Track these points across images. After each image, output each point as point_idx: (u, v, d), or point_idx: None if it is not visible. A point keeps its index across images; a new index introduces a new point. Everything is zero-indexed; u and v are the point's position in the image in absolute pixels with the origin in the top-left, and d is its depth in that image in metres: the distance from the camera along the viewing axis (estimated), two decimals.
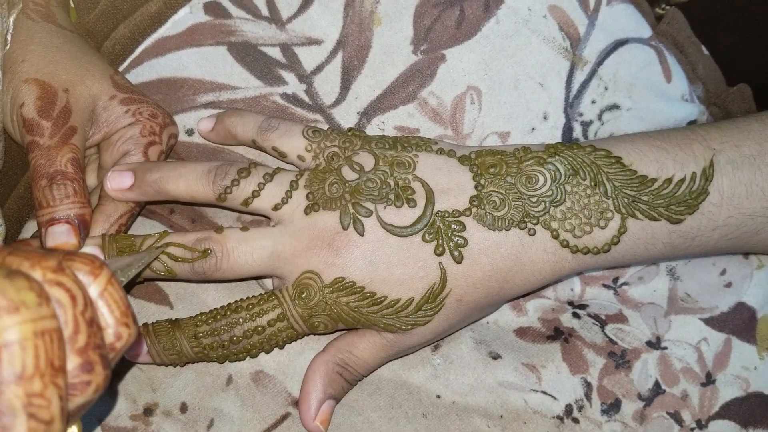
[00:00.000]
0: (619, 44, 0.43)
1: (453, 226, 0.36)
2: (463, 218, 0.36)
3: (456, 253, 0.36)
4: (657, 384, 0.40)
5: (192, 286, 0.41)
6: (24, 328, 0.20)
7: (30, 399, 0.20)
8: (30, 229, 0.43)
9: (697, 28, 0.46)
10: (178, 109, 0.42)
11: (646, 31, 0.44)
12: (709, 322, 0.42)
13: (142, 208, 0.41)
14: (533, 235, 0.36)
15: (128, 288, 0.40)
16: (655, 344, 0.41)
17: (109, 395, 0.38)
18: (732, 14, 0.49)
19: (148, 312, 0.40)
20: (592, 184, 0.36)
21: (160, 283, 0.41)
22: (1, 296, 0.20)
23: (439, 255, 0.36)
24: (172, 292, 0.41)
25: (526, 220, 0.36)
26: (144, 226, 0.42)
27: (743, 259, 0.43)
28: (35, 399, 0.21)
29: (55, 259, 0.23)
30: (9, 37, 0.38)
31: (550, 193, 0.36)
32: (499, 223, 0.36)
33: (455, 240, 0.36)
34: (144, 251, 0.35)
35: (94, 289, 0.24)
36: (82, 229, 0.36)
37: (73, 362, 0.22)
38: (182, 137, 0.42)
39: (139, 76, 0.43)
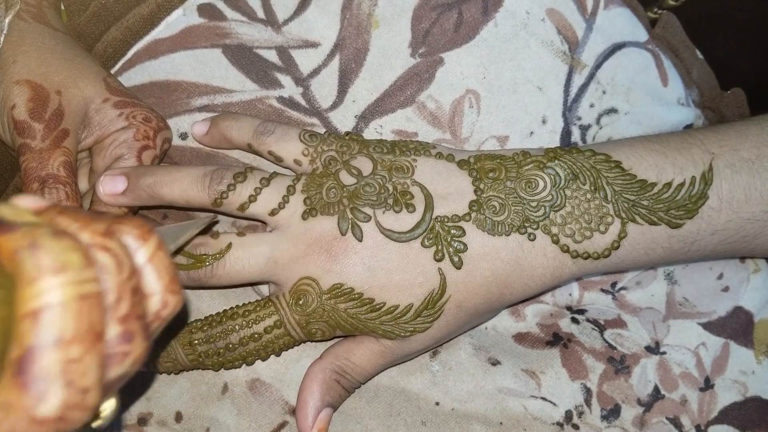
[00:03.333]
0: (616, 48, 0.43)
1: (452, 231, 0.35)
2: (462, 223, 0.36)
3: (455, 259, 0.35)
4: (656, 389, 0.40)
5: (186, 293, 0.40)
6: (67, 290, 0.20)
7: (67, 365, 0.20)
8: None
9: (689, 32, 0.46)
10: (172, 112, 0.42)
11: (642, 35, 0.44)
12: (708, 326, 0.42)
13: (135, 214, 0.40)
14: (533, 240, 0.36)
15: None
16: (654, 349, 0.41)
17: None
18: (724, 18, 0.49)
19: None
20: (592, 188, 0.36)
21: None
22: (46, 255, 0.20)
23: (439, 260, 0.35)
24: None
25: (526, 225, 0.36)
26: None
27: (740, 263, 0.43)
28: (73, 366, 0.20)
29: (105, 222, 0.22)
30: (2, 38, 0.38)
31: (550, 197, 0.36)
32: (499, 228, 0.36)
33: (455, 245, 0.35)
34: (191, 221, 0.34)
35: (142, 255, 0.23)
36: None
37: (113, 331, 0.22)
38: (176, 141, 0.42)
39: (131, 79, 0.42)
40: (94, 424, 0.24)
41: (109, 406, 0.24)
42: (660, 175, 0.36)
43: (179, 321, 0.38)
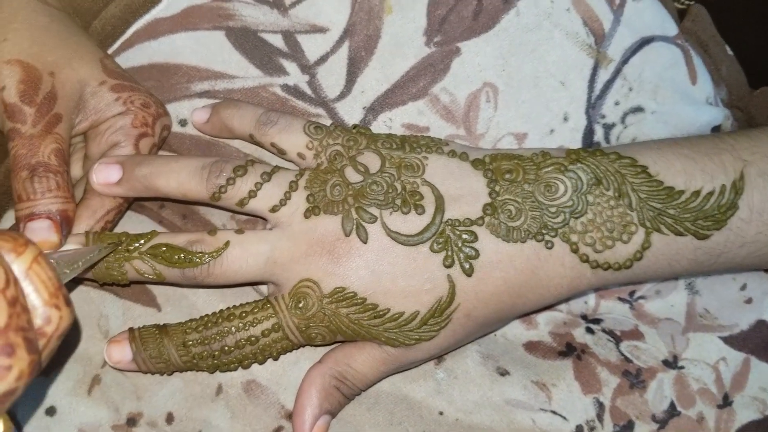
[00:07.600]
0: (644, 42, 0.41)
1: (464, 236, 0.34)
2: (475, 228, 0.34)
3: (466, 266, 0.33)
4: (672, 405, 0.39)
5: (181, 288, 0.39)
6: None
7: None
8: (9, 218, 0.40)
9: (716, 26, 0.44)
10: (171, 97, 0.40)
11: (672, 29, 0.42)
12: (728, 340, 0.40)
13: (131, 204, 0.39)
14: (551, 248, 0.34)
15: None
16: (671, 363, 0.39)
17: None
18: (753, 13, 0.47)
19: (135, 314, 0.38)
20: (616, 195, 0.34)
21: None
22: None
23: (448, 267, 0.33)
24: (160, 293, 0.39)
25: (544, 231, 0.34)
26: (132, 221, 0.40)
27: (764, 274, 0.42)
28: None
29: None
30: None
31: (570, 203, 0.34)
32: (515, 235, 0.34)
33: (466, 251, 0.33)
34: (93, 246, 0.34)
35: (17, 268, 0.22)
36: (64, 225, 0.34)
37: None
38: (175, 128, 0.40)
39: (129, 59, 0.41)
40: None
41: None
42: (688, 183, 0.34)
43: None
